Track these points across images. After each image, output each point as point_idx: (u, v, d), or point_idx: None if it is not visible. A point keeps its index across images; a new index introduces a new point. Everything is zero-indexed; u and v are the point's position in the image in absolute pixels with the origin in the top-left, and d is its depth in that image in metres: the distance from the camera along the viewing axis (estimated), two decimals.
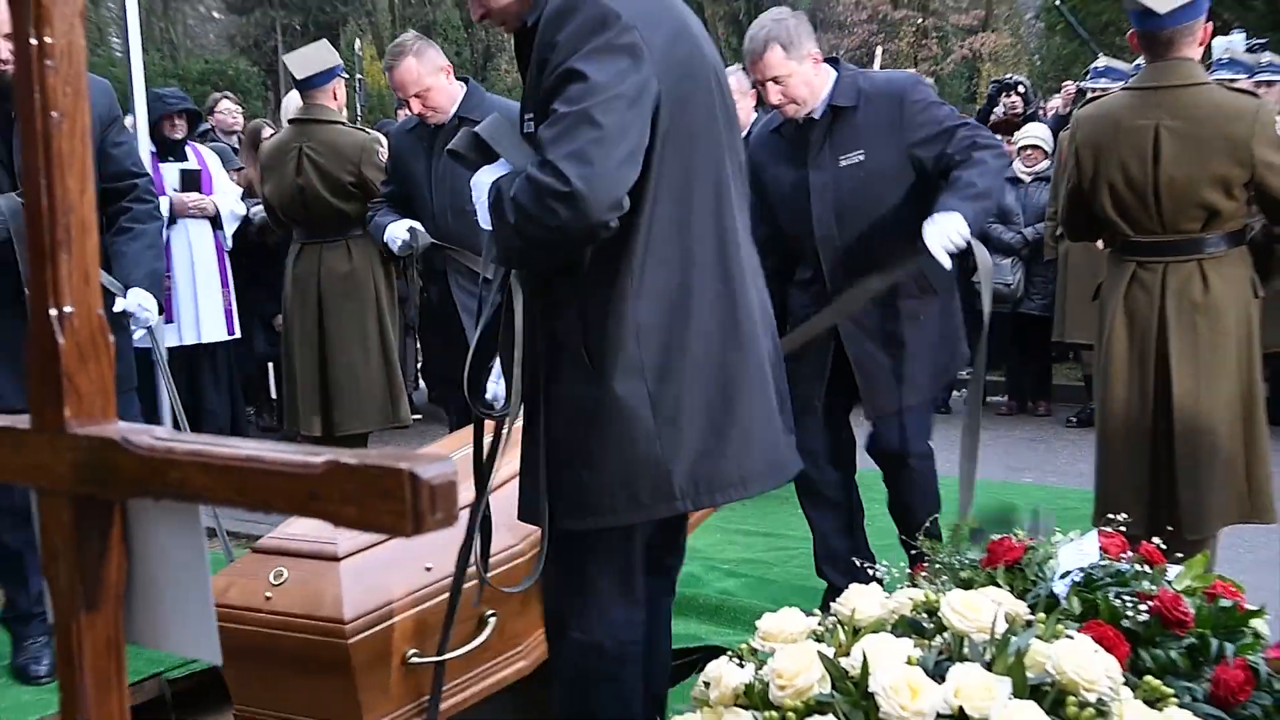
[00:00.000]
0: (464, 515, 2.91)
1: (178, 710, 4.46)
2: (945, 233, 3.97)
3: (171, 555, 1.22)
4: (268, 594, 3.28)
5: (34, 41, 1.19)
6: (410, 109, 5.69)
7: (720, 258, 2.87)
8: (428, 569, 3.28)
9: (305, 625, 3.15)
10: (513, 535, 3.50)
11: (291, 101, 6.52)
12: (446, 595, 3.22)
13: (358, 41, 32.57)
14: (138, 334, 4.45)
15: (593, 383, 2.79)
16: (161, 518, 1.21)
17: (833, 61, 4.45)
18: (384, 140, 7.54)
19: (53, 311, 1.19)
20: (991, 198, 4.25)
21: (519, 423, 3.02)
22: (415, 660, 3.24)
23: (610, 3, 2.67)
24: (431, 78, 5.49)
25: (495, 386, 3.30)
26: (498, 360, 3.15)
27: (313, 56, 6.47)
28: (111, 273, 4.32)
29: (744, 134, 6.87)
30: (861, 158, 4.28)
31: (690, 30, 2.91)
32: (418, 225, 5.66)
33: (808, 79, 4.30)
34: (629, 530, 2.95)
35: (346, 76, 9.25)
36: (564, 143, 2.56)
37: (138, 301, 4.35)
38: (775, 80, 4.29)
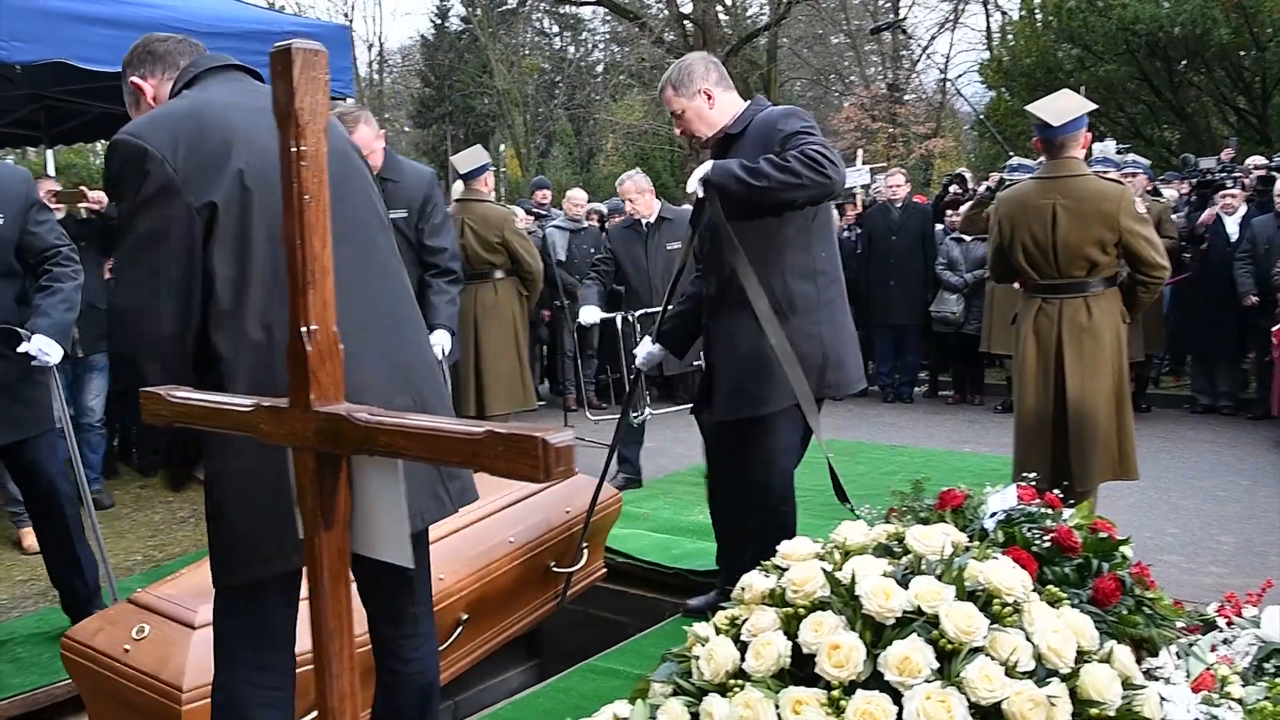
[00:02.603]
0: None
1: None
2: (696, 173, 3.41)
3: (380, 492, 1.23)
4: (127, 646, 2.77)
5: (293, 149, 1.22)
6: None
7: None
8: None
9: (150, 684, 2.66)
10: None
11: (457, 188, 6.55)
12: None
13: (501, 146, 32.89)
14: (46, 362, 3.74)
15: (212, 456, 2.15)
16: (373, 467, 1.23)
17: (755, 99, 3.71)
18: (520, 212, 7.53)
19: (303, 329, 1.21)
20: (764, 174, 3.30)
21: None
22: None
23: (142, 136, 2.05)
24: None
25: None
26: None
27: (471, 156, 6.48)
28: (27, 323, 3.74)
29: (650, 218, 6.57)
30: None
31: (246, 140, 2.12)
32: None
33: (700, 112, 3.59)
34: (256, 586, 2.15)
35: (494, 169, 9.35)
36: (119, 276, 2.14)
37: (39, 346, 3.69)
38: (674, 114, 3.66)
